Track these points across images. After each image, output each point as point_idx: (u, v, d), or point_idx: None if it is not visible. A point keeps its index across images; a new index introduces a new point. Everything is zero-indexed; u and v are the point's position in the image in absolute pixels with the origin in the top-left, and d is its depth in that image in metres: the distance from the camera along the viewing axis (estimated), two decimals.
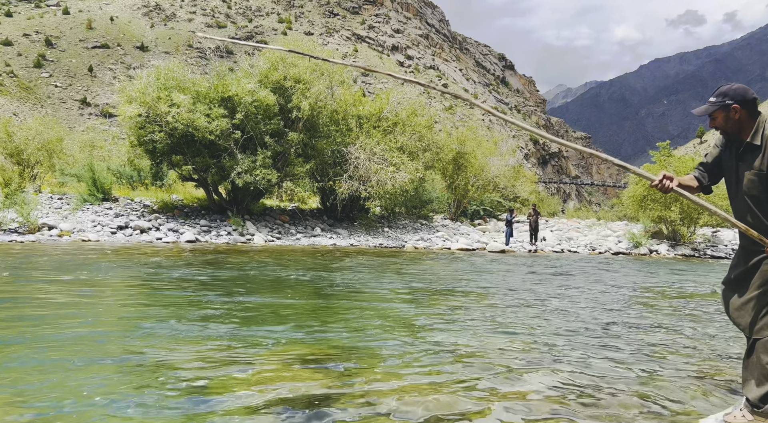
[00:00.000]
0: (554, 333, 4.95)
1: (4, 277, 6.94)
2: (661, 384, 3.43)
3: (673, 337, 5.02)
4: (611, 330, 5.21)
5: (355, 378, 3.26)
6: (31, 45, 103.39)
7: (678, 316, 6.28)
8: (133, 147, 15.98)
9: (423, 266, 11.41)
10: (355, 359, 3.69)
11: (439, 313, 5.85)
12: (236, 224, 15.91)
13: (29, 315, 4.80)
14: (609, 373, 3.66)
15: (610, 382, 3.43)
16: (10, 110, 76.41)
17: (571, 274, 11.16)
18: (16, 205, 13.38)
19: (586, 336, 4.88)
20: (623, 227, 24.41)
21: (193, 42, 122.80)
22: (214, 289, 6.75)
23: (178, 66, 16.40)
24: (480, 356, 3.96)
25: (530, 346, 4.38)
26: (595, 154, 2.81)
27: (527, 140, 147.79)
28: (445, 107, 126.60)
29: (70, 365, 3.32)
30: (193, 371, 3.27)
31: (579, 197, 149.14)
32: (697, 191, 2.80)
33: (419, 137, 19.48)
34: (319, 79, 16.77)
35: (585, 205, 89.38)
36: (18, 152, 19.57)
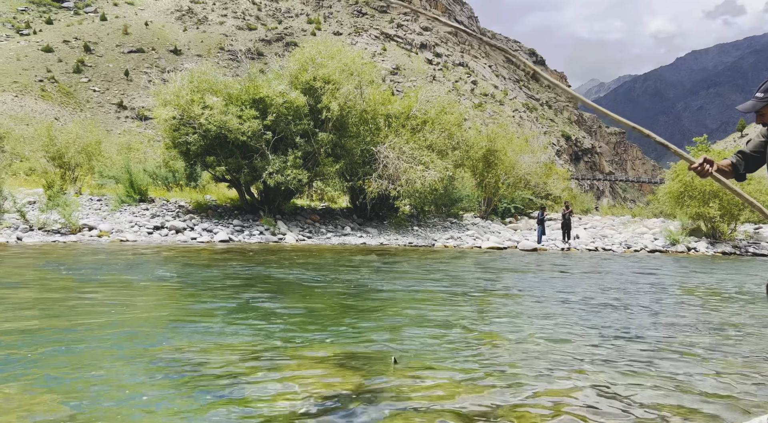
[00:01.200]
0: (592, 332, 4.87)
1: (62, 275, 7.21)
2: (707, 383, 3.36)
3: (714, 337, 4.89)
4: (647, 328, 5.10)
5: (387, 376, 3.29)
6: (70, 51, 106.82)
7: (721, 313, 6.11)
8: (168, 149, 16.37)
9: (453, 265, 11.37)
10: (388, 358, 3.72)
11: (471, 312, 5.83)
12: (268, 224, 16.13)
13: (77, 311, 4.98)
14: (649, 371, 3.59)
15: (649, 381, 3.36)
16: (51, 115, 79.12)
17: (607, 272, 10.95)
18: (59, 206, 13.86)
19: (622, 337, 4.80)
20: (660, 224, 23.80)
21: (225, 45, 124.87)
22: (249, 288, 6.87)
23: (211, 68, 16.72)
24: (515, 355, 3.94)
25: (567, 345, 4.33)
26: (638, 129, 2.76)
27: (559, 136, 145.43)
28: (475, 104, 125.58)
29: (109, 362, 3.44)
30: (228, 369, 3.35)
31: (613, 194, 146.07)
32: (730, 177, 2.74)
33: (448, 135, 19.39)
34: (348, 79, 16.85)
35: (619, 202, 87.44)
36: (59, 155, 20.23)
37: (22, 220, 13.54)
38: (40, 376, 3.11)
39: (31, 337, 4.02)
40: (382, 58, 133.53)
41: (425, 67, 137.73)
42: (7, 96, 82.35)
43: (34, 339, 3.97)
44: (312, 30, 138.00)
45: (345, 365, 3.52)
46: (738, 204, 18.94)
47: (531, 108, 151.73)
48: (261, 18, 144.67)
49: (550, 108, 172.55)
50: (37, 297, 5.81)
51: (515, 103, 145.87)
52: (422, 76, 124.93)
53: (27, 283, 6.66)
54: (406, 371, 3.43)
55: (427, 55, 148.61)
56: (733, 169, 2.73)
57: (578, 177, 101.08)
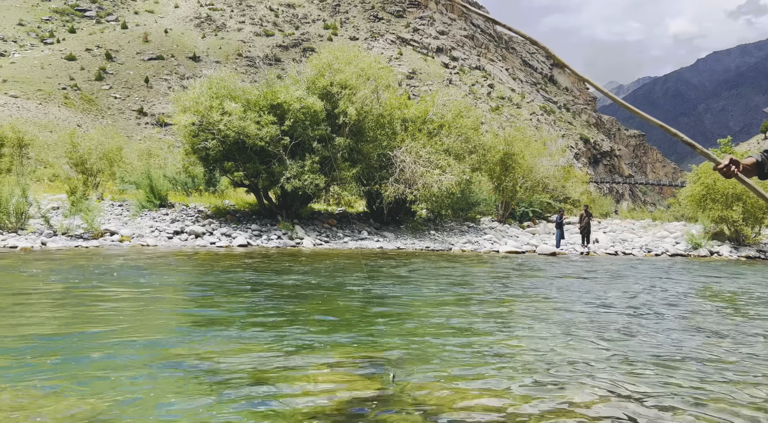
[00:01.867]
0: (616, 339, 4.81)
1: (114, 277, 7.34)
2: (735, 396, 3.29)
3: (738, 344, 4.79)
4: (673, 336, 5.02)
5: (408, 383, 3.28)
6: (92, 59, 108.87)
7: (754, 321, 5.98)
8: (188, 154, 16.58)
9: (471, 269, 11.32)
10: (408, 364, 3.71)
11: (491, 317, 5.79)
12: (286, 228, 16.23)
13: (99, 315, 5.06)
14: (672, 384, 3.53)
15: (676, 395, 3.31)
16: (74, 122, 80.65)
17: (627, 276, 10.81)
18: (81, 211, 14.12)
19: (652, 345, 4.73)
20: (681, 228, 23.42)
21: (242, 51, 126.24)
22: (267, 292, 6.92)
23: (229, 75, 16.91)
24: (535, 362, 3.90)
25: (589, 352, 4.28)
26: (664, 127, 2.71)
27: (577, 139, 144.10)
28: (492, 108, 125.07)
29: (132, 366, 3.49)
30: (250, 374, 3.37)
31: (633, 197, 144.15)
32: (753, 175, 2.69)
33: (465, 139, 19.34)
34: (365, 83, 16.92)
35: (639, 206, 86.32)
36: (82, 161, 20.60)
37: (46, 225, 13.81)
38: (65, 379, 3.17)
39: (55, 341, 4.09)
40: (399, 62, 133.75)
41: (441, 71, 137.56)
42: (32, 104, 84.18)
43: (58, 343, 4.04)
44: (329, 35, 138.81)
45: (365, 371, 3.52)
46: (762, 207, 18.57)
47: (548, 111, 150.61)
48: (278, 24, 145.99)
49: (568, 111, 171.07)
50: (61, 301, 5.91)
51: (532, 106, 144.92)
52: (438, 80, 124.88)
53: (52, 288, 6.78)
54: (424, 379, 3.42)
55: (443, 58, 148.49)
56: (758, 167, 2.68)
57: (597, 180, 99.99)
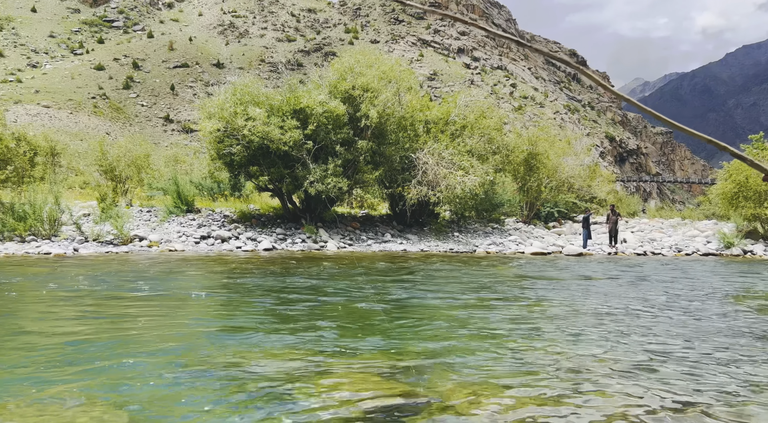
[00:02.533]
0: (648, 343, 4.72)
1: (143, 282, 7.51)
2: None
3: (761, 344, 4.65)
4: (709, 339, 4.90)
5: (435, 388, 3.27)
6: (120, 68, 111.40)
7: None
8: (213, 160, 16.83)
9: (496, 271, 11.23)
10: (435, 369, 3.70)
11: (518, 321, 5.74)
12: (310, 232, 16.34)
13: (131, 321, 5.17)
14: (705, 387, 3.45)
15: (707, 398, 3.23)
16: (103, 130, 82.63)
17: (658, 277, 10.59)
18: (111, 218, 14.44)
19: (688, 348, 4.62)
20: (712, 227, 22.86)
21: (265, 57, 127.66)
22: (294, 296, 6.97)
23: (253, 81, 17.12)
24: (566, 367, 3.85)
25: (621, 356, 4.21)
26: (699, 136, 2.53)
27: (603, 138, 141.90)
28: (514, 108, 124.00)
29: (162, 371, 3.55)
30: (275, 379, 3.40)
31: (661, 196, 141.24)
32: None
33: (488, 139, 19.21)
34: (386, 86, 16.95)
35: (668, 204, 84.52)
36: (111, 169, 21.11)
37: (78, 231, 14.16)
38: (97, 384, 3.24)
39: (86, 346, 4.19)
40: (420, 64, 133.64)
41: (463, 72, 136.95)
42: (63, 113, 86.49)
43: (89, 347, 4.14)
44: (350, 39, 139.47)
45: (391, 376, 3.52)
46: None
47: (573, 109, 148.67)
48: (300, 29, 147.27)
49: (593, 109, 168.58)
50: (94, 307, 6.05)
51: (556, 105, 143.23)
52: (460, 81, 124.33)
53: (83, 293, 6.95)
54: (451, 384, 3.41)
55: (464, 59, 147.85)
56: None
57: (623, 179, 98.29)
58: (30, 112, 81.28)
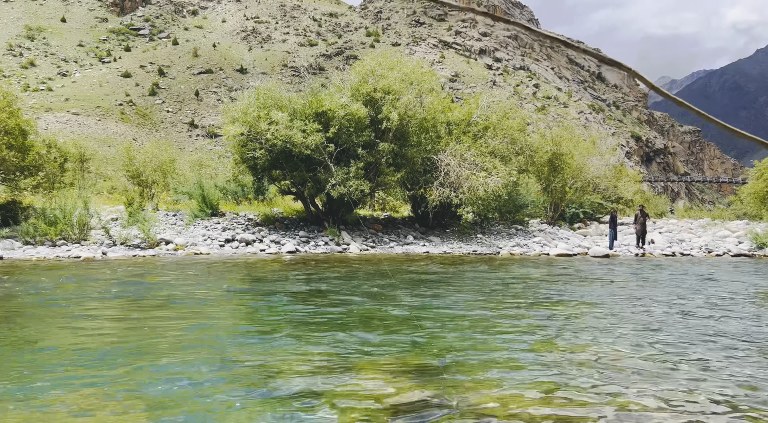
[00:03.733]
0: (675, 346, 4.61)
1: (172, 285, 7.64)
2: None
3: None
4: (735, 339, 4.77)
5: (458, 388, 3.24)
6: (146, 75, 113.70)
7: None
8: (237, 164, 17.02)
9: (521, 273, 11.11)
10: (458, 369, 3.67)
11: (543, 322, 5.66)
12: (333, 234, 16.41)
13: (160, 323, 5.25)
14: (730, 390, 3.35)
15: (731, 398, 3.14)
16: (130, 136, 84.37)
17: (687, 278, 10.35)
18: (138, 222, 14.71)
19: (713, 349, 4.50)
20: (744, 227, 22.26)
21: (287, 61, 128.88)
22: (319, 299, 7.00)
23: (275, 85, 17.27)
24: (590, 367, 3.79)
25: (648, 358, 4.12)
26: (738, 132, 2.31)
27: (628, 137, 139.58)
28: (538, 108, 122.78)
29: (190, 371, 3.59)
30: (301, 380, 3.41)
31: (689, 196, 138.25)
32: None
33: (511, 140, 19.04)
34: (408, 88, 16.93)
35: (697, 204, 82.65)
36: (138, 174, 21.49)
37: (106, 235, 14.47)
38: (126, 384, 3.29)
39: (116, 348, 4.26)
40: (441, 65, 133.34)
41: (485, 73, 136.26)
42: (92, 120, 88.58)
43: (117, 348, 4.21)
44: (371, 42, 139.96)
45: (417, 376, 3.50)
46: None
47: (597, 109, 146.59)
48: (321, 34, 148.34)
49: (618, 108, 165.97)
50: (124, 309, 6.16)
51: (580, 104, 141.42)
52: (482, 82, 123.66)
53: (114, 296, 7.09)
54: (474, 384, 3.37)
55: (486, 60, 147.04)
56: None
57: (650, 179, 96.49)
58: (60, 120, 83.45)
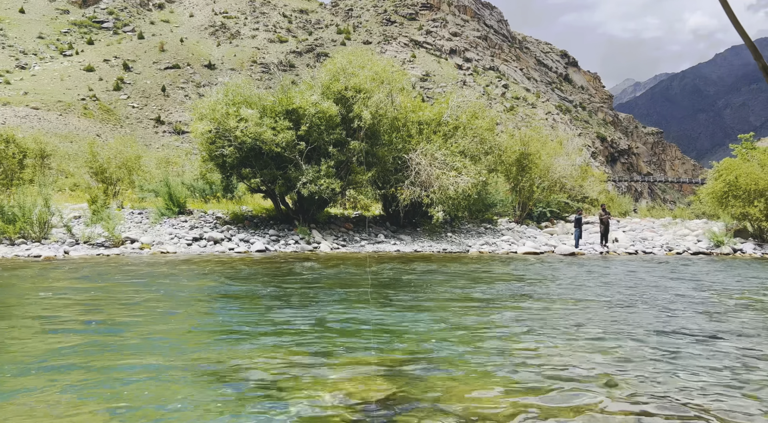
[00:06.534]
0: (634, 339, 4.75)
1: (135, 285, 7.46)
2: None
3: (749, 343, 4.70)
4: (696, 336, 4.95)
5: (431, 386, 3.27)
6: (110, 70, 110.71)
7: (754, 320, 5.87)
8: (205, 161, 16.76)
9: (489, 271, 11.26)
10: (431, 367, 3.71)
11: (510, 319, 5.76)
12: (303, 233, 16.31)
13: (125, 322, 5.14)
14: (692, 383, 3.48)
15: (692, 395, 3.26)
16: (93, 131, 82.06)
17: (647, 276, 10.66)
18: (102, 220, 14.34)
19: (671, 345, 4.66)
20: (702, 226, 23.05)
21: (257, 58, 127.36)
22: (287, 297, 6.96)
23: (245, 82, 17.07)
24: (555, 364, 3.87)
25: (608, 353, 4.23)
26: None
27: (594, 138, 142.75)
28: (506, 108, 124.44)
29: (156, 370, 3.53)
30: (269, 379, 3.39)
31: (652, 195, 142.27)
32: None
33: (481, 140, 19.26)
34: (379, 87, 16.95)
35: (659, 204, 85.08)
36: (102, 170, 20.95)
37: (68, 234, 14.06)
38: (90, 386, 3.22)
39: (83, 348, 4.16)
40: (412, 65, 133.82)
41: (455, 73, 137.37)
42: (52, 115, 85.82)
43: (86, 349, 4.11)
44: (342, 40, 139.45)
45: (388, 374, 3.52)
46: None
47: (564, 110, 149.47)
48: (292, 30, 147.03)
49: (584, 109, 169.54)
50: (83, 309, 6.01)
51: (548, 105, 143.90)
52: (452, 82, 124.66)
53: (78, 295, 6.90)
54: (441, 381, 3.41)
55: (456, 60, 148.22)
56: None
57: (615, 179, 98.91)
58: (19, 114, 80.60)
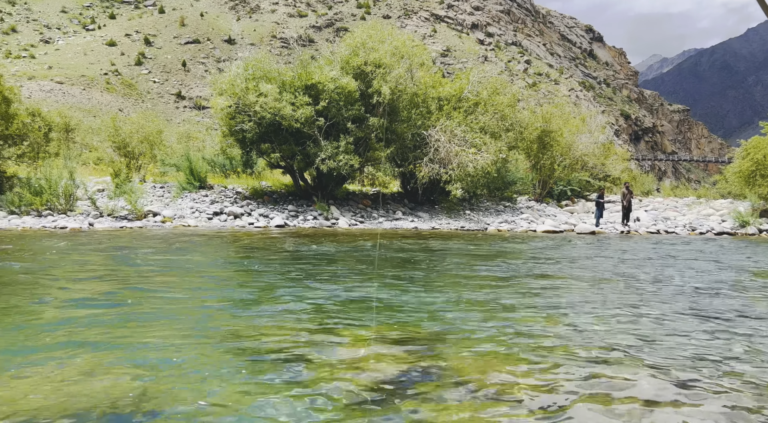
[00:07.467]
0: (655, 319, 4.73)
1: (160, 257, 7.63)
2: None
3: None
4: (714, 315, 4.90)
5: (446, 360, 3.31)
6: (132, 44, 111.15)
7: None
8: (225, 137, 16.87)
9: (508, 249, 11.23)
10: (441, 342, 3.74)
11: (527, 296, 5.76)
12: (322, 209, 16.41)
13: (144, 293, 5.26)
14: (710, 363, 3.46)
15: (707, 373, 3.24)
16: (116, 106, 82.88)
17: (669, 255, 10.53)
18: (125, 194, 14.59)
19: (690, 322, 4.63)
20: (727, 205, 22.59)
21: (276, 33, 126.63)
22: (306, 271, 7.04)
23: (265, 56, 17.02)
24: (576, 341, 3.88)
25: (627, 331, 4.22)
26: None
27: (618, 115, 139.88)
28: (528, 84, 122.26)
29: (174, 342, 3.63)
30: (286, 351, 3.46)
31: (676, 174, 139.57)
32: None
33: (501, 117, 19.02)
34: (399, 62, 16.76)
35: (683, 183, 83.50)
36: (124, 145, 21.21)
37: (93, 206, 14.35)
38: (111, 354, 3.32)
39: (100, 318, 4.28)
40: (433, 40, 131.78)
41: (477, 48, 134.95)
42: (76, 89, 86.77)
43: (103, 319, 4.23)
44: (362, 14, 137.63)
45: (404, 347, 3.57)
46: None
47: (588, 87, 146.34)
48: (311, 4, 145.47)
49: (609, 86, 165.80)
50: (110, 280, 6.16)
51: (571, 82, 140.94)
52: (473, 57, 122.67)
53: (98, 269, 7.07)
54: (457, 357, 3.44)
55: (478, 35, 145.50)
56: None
57: (638, 157, 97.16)
58: (44, 88, 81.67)
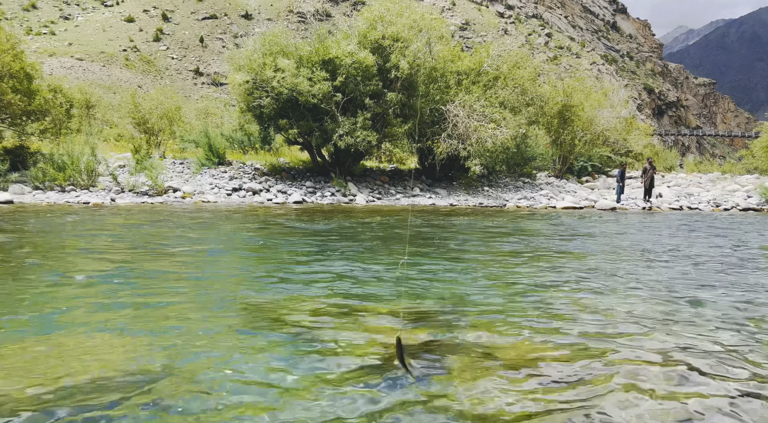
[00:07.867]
0: (681, 296, 4.67)
1: (182, 231, 7.75)
2: None
3: None
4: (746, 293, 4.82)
5: (466, 331, 3.32)
6: (150, 20, 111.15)
7: None
8: (243, 113, 16.89)
9: (527, 225, 11.15)
10: (462, 316, 3.75)
11: (549, 272, 5.72)
12: (339, 185, 16.42)
13: (164, 268, 5.34)
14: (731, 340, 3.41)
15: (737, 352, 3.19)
16: (135, 82, 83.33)
17: (692, 231, 10.36)
18: (146, 170, 14.75)
19: (719, 300, 4.56)
20: (753, 181, 22.08)
21: (293, 7, 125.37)
22: (323, 247, 7.08)
23: (282, 31, 16.89)
24: (601, 317, 3.85)
25: (655, 307, 4.17)
26: None
27: (641, 89, 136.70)
28: (549, 58, 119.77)
29: (195, 314, 3.68)
30: (306, 325, 3.49)
31: (700, 150, 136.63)
32: None
33: (522, 91, 18.71)
34: (417, 36, 16.51)
35: (707, 159, 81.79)
36: (144, 121, 21.39)
37: (114, 182, 14.55)
38: (134, 325, 3.39)
39: (125, 289, 4.36)
40: (451, 13, 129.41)
41: (496, 21, 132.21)
42: (96, 66, 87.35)
43: (126, 290, 4.31)
44: None
45: (416, 321, 3.58)
46: None
47: (611, 60, 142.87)
48: None
49: (632, 59, 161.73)
50: (128, 253, 6.27)
51: (593, 55, 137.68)
52: (493, 31, 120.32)
53: (117, 240, 7.19)
54: (479, 330, 3.44)
55: (498, 8, 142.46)
56: None
57: (662, 133, 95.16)
58: (65, 65, 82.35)
